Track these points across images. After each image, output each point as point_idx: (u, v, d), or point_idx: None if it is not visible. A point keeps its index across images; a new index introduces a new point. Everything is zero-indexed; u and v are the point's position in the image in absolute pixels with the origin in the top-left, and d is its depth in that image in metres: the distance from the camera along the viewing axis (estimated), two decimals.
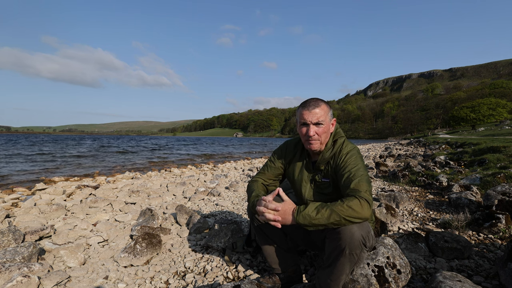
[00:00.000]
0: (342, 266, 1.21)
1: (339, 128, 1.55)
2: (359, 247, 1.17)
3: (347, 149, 1.45)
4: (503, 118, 49.10)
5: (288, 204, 1.27)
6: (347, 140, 1.51)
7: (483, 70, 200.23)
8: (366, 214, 1.17)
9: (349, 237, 1.16)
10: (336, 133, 1.51)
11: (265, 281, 1.59)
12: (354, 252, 1.18)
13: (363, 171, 1.34)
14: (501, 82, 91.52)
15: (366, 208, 1.18)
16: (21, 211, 3.29)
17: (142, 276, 1.83)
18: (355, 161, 1.38)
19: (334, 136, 1.50)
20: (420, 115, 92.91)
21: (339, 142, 1.48)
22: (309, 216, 1.18)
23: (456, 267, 1.77)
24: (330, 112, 1.46)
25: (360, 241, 1.17)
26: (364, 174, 1.33)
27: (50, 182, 6.16)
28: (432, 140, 22.25)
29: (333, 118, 1.49)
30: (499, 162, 5.17)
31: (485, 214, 2.42)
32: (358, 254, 1.19)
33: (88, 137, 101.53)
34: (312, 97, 1.47)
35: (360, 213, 1.16)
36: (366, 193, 1.23)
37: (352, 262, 1.20)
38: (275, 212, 1.25)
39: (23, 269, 1.71)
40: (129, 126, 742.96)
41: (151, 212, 2.83)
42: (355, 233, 1.16)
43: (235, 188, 4.79)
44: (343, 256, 1.18)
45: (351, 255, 1.18)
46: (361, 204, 1.18)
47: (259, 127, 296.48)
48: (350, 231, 1.16)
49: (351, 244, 1.16)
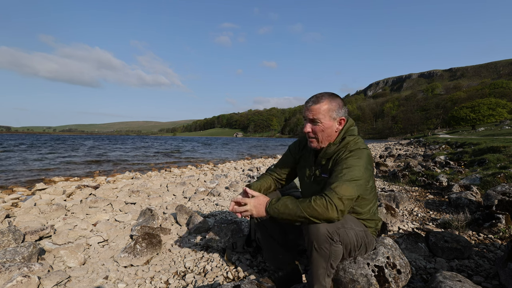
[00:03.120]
0: (316, 261, 1.25)
1: (353, 126, 1.44)
2: (327, 241, 1.20)
3: (353, 147, 1.35)
4: (503, 118, 49.10)
5: (261, 197, 1.35)
6: (359, 140, 1.39)
7: (483, 70, 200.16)
8: (330, 216, 1.16)
9: (315, 232, 1.20)
10: (348, 130, 1.41)
11: (265, 281, 1.59)
12: (323, 246, 1.21)
13: (357, 175, 1.24)
14: (501, 82, 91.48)
15: (332, 211, 1.16)
16: (21, 211, 3.29)
17: (142, 276, 1.83)
18: (353, 162, 1.28)
19: (345, 133, 1.40)
20: (420, 115, 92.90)
21: (347, 140, 1.38)
22: (277, 209, 1.25)
23: (456, 267, 1.77)
24: (335, 110, 1.37)
25: (326, 235, 1.19)
26: (355, 178, 1.23)
27: (50, 182, 6.16)
28: (432, 140, 22.25)
29: (340, 116, 1.39)
30: (499, 162, 5.17)
31: (485, 214, 2.42)
32: (328, 248, 1.22)
33: (109, 137, 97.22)
34: (323, 92, 1.42)
35: (322, 215, 1.17)
36: (340, 199, 1.17)
37: (324, 256, 1.23)
38: (245, 205, 1.34)
39: (23, 269, 1.71)
40: (129, 126, 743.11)
41: (151, 212, 2.83)
42: (320, 227, 1.19)
43: (235, 188, 4.79)
44: (314, 251, 1.23)
45: (321, 249, 1.22)
46: (327, 207, 1.16)
47: (259, 127, 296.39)
48: (315, 226, 1.20)
49: (318, 239, 1.20)
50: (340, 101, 1.40)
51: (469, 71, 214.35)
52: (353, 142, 1.37)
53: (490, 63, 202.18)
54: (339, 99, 1.40)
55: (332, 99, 1.38)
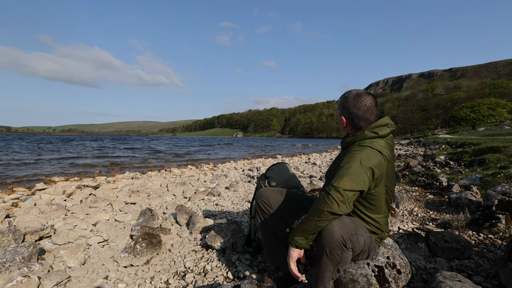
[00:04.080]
0: (325, 265, 1.24)
1: (383, 126, 1.38)
2: (339, 247, 1.19)
3: (366, 144, 1.32)
4: (503, 118, 49.06)
5: None
6: (377, 141, 1.34)
7: (483, 70, 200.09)
8: (330, 208, 1.15)
9: (329, 237, 1.18)
10: (372, 127, 1.37)
11: (265, 281, 1.59)
12: (334, 253, 1.19)
13: (357, 169, 1.21)
14: (501, 82, 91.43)
15: (330, 202, 1.15)
16: (21, 211, 3.29)
17: (142, 276, 1.83)
18: (358, 157, 1.24)
19: (368, 130, 1.37)
20: (420, 115, 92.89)
21: (365, 135, 1.35)
22: (298, 234, 1.27)
23: (456, 267, 1.77)
24: (341, 109, 1.47)
25: (340, 241, 1.18)
26: (355, 172, 1.20)
27: (50, 182, 6.16)
28: (432, 140, 22.24)
29: (342, 116, 1.46)
30: (499, 162, 5.17)
31: (485, 214, 2.42)
32: (340, 255, 1.20)
33: (131, 137, 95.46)
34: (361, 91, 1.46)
35: (322, 209, 1.17)
36: (337, 191, 1.16)
37: (334, 262, 1.22)
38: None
39: (23, 269, 1.71)
40: (129, 126, 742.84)
41: (151, 212, 2.83)
42: (334, 233, 1.18)
43: (235, 188, 4.79)
44: (325, 255, 1.21)
45: (332, 255, 1.20)
46: (325, 199, 1.17)
47: (259, 127, 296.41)
48: (330, 231, 1.18)
49: (330, 244, 1.18)
50: (344, 101, 1.45)
51: (469, 71, 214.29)
52: (370, 141, 1.34)
53: (490, 63, 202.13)
54: (345, 99, 1.46)
55: (344, 97, 1.47)
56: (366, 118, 1.40)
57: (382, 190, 1.35)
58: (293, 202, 1.61)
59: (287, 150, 24.76)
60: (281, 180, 1.98)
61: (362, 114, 1.39)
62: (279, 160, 12.65)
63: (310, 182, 5.02)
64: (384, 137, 1.37)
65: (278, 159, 13.38)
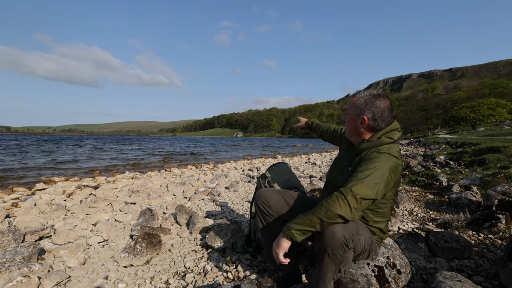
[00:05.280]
0: (326, 266, 1.23)
1: (395, 130, 1.38)
2: (341, 248, 1.18)
3: (385, 151, 1.29)
4: (503, 118, 49.04)
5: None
6: (394, 146, 1.34)
7: (483, 70, 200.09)
8: (342, 212, 1.13)
9: (331, 237, 1.17)
10: (388, 133, 1.37)
11: (265, 281, 1.59)
12: (336, 253, 1.19)
13: (377, 178, 1.19)
14: (501, 82, 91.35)
15: (344, 207, 1.13)
16: (21, 211, 3.29)
17: (142, 276, 1.83)
18: (378, 165, 1.22)
19: (383, 135, 1.36)
20: (420, 115, 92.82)
21: (382, 141, 1.34)
22: (295, 226, 1.22)
23: (456, 267, 1.77)
24: (361, 108, 1.36)
25: (342, 241, 1.17)
26: (375, 181, 1.18)
27: (50, 182, 6.16)
28: (432, 140, 22.24)
29: (362, 116, 1.36)
30: (499, 162, 5.17)
31: (485, 214, 2.42)
32: (341, 255, 1.20)
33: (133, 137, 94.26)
34: (375, 91, 1.42)
35: (334, 212, 1.13)
36: (354, 197, 1.13)
37: (336, 262, 1.21)
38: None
39: (23, 269, 1.71)
40: (129, 126, 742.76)
41: (151, 212, 2.83)
42: (336, 233, 1.17)
43: (235, 188, 4.79)
44: (326, 255, 1.21)
45: (334, 255, 1.19)
46: (339, 202, 1.14)
47: (259, 127, 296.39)
48: (331, 231, 1.17)
49: (332, 245, 1.17)
50: (373, 99, 1.36)
51: (469, 71, 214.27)
52: (388, 147, 1.33)
53: (490, 63, 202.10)
54: (370, 97, 1.37)
55: (364, 98, 1.38)
56: (388, 120, 1.37)
57: (392, 195, 1.38)
58: (292, 203, 1.61)
59: (287, 150, 24.76)
60: (281, 180, 1.98)
61: (385, 115, 1.36)
62: (279, 160, 12.65)
63: (310, 182, 5.02)
64: (396, 142, 1.38)
65: (278, 159, 13.38)
